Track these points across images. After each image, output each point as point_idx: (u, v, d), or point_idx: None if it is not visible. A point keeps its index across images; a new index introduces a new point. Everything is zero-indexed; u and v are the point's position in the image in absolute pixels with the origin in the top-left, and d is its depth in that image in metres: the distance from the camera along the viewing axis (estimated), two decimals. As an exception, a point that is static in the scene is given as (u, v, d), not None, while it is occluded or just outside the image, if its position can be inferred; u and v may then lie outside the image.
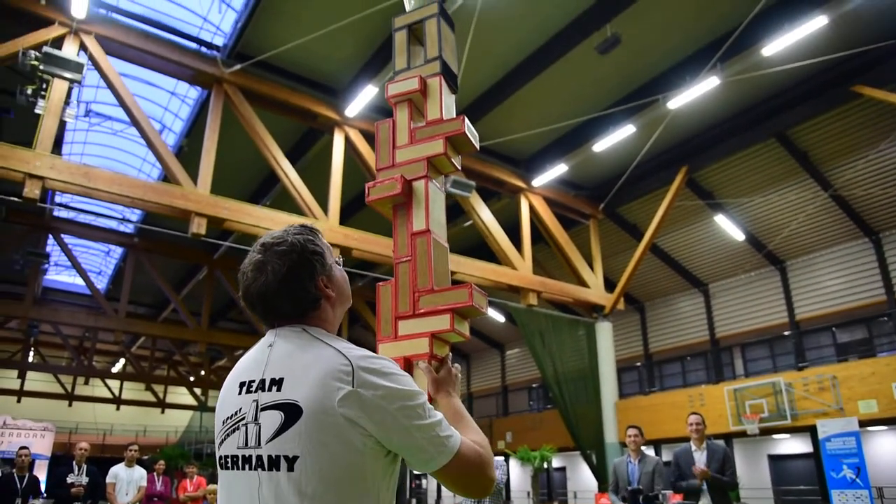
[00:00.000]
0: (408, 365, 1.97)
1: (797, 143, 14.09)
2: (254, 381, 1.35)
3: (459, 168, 2.31)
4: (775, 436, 15.56)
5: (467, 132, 2.25)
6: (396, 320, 2.07)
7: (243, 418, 1.32)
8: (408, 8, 2.60)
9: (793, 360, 16.65)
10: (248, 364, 1.41)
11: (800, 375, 13.47)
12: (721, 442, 6.99)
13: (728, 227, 16.42)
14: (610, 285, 16.12)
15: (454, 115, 2.33)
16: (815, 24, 9.90)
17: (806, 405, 12.80)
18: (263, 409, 1.30)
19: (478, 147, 2.33)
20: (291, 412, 1.26)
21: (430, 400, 1.78)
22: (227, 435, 1.35)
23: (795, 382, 13.08)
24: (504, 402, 25.66)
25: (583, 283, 15.21)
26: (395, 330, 2.07)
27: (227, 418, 1.36)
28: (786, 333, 17.14)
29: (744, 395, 13.62)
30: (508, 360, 26.01)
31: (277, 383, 1.30)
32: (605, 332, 15.47)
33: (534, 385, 24.36)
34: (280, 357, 1.35)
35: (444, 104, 2.33)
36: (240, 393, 1.36)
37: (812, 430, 12.82)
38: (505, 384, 25.83)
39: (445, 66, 2.40)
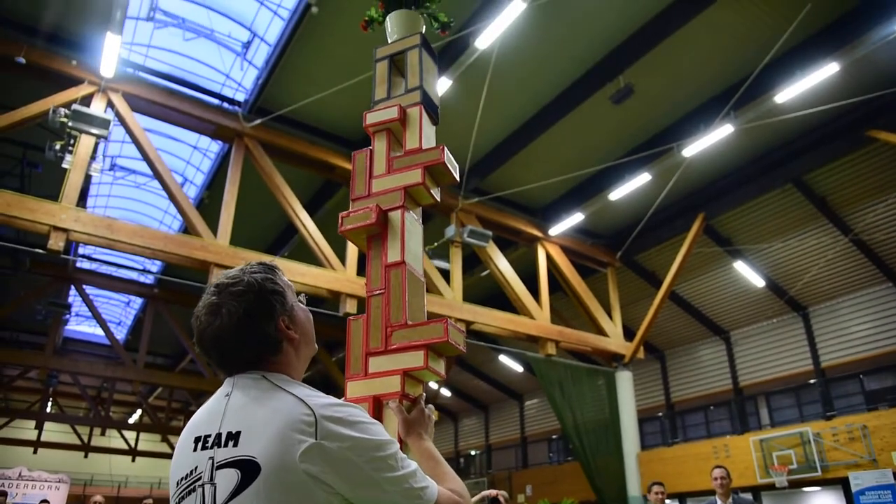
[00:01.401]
0: (377, 405, 1.86)
1: (815, 188, 14.04)
2: (209, 436, 1.23)
3: (438, 199, 2.22)
4: (805, 488, 15.00)
5: (447, 162, 2.15)
6: (367, 357, 1.96)
7: (199, 478, 1.20)
8: (390, 39, 2.57)
9: (820, 409, 16.19)
10: (204, 417, 1.29)
11: (828, 425, 13.07)
12: (749, 495, 6.79)
13: (748, 274, 16.24)
14: (629, 334, 15.93)
15: (434, 145, 2.24)
16: (827, 70, 9.99)
17: (836, 456, 12.38)
18: (219, 466, 1.17)
19: (457, 178, 2.25)
20: (249, 470, 1.14)
21: (401, 443, 1.70)
22: (182, 498, 1.22)
23: (824, 432, 12.69)
24: (523, 454, 25.11)
25: (602, 332, 15.04)
26: (365, 367, 1.95)
27: (182, 478, 1.24)
28: (811, 381, 16.72)
29: (770, 445, 13.22)
30: (527, 411, 25.56)
31: (234, 438, 1.19)
32: (625, 381, 15.21)
33: (554, 436, 23.86)
34: (237, 408, 1.23)
35: (423, 134, 2.25)
36: (195, 449, 1.24)
37: (844, 483, 12.37)
38: (524, 435, 25.33)
39: (426, 96, 2.35)
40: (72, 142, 10.12)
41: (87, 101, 10.16)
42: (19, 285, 18.37)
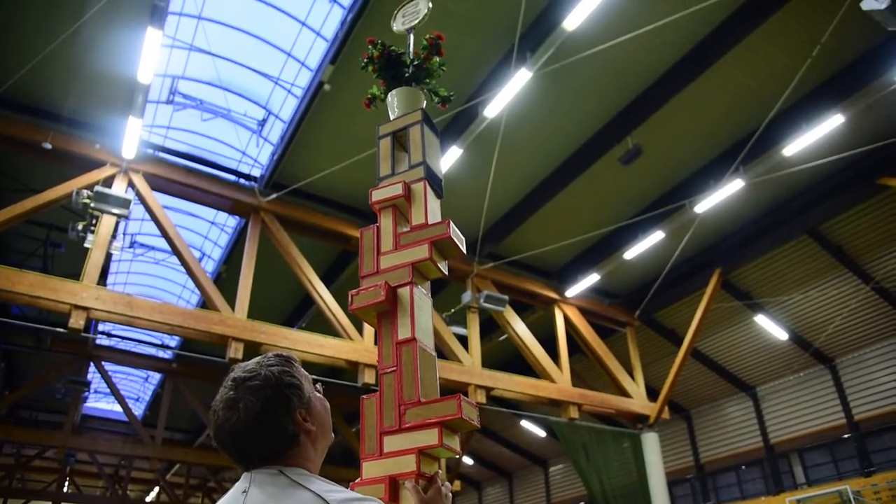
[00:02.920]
0: (394, 485, 1.83)
1: (830, 238, 13.97)
2: None
3: (446, 273, 2.23)
4: (849, 552, 14.32)
5: (453, 236, 2.17)
6: (381, 436, 1.94)
7: None
8: (392, 116, 2.61)
9: (857, 465, 15.60)
10: None
11: (868, 482, 12.62)
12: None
13: (770, 327, 15.99)
14: (653, 394, 15.60)
15: (439, 220, 2.25)
16: (832, 122, 10.09)
17: (879, 516, 11.88)
18: None
19: (464, 251, 2.26)
20: None
21: None
22: None
23: (865, 490, 12.24)
24: (551, 522, 24.27)
25: (624, 393, 14.75)
26: (380, 446, 1.93)
27: None
28: (846, 436, 16.18)
29: (808, 507, 12.74)
30: (553, 477, 24.84)
31: None
32: (651, 443, 14.79)
33: (581, 503, 23.10)
34: None
35: (429, 209, 2.27)
36: None
37: (889, 545, 11.81)
38: (551, 503, 24.54)
39: (430, 171, 2.37)
40: (94, 222, 10.36)
41: (108, 182, 10.44)
42: (40, 364, 18.46)
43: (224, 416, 1.31)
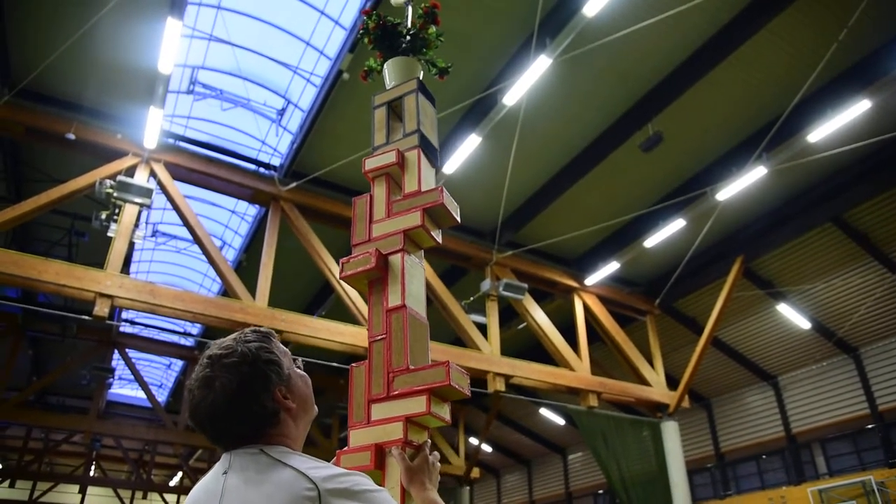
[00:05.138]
0: (379, 452, 1.81)
1: (855, 225, 13.74)
2: None
3: (440, 241, 2.19)
4: (872, 543, 14.19)
5: (446, 203, 2.13)
6: (369, 404, 1.93)
7: None
8: (388, 86, 2.59)
9: (881, 455, 15.42)
10: (201, 497, 1.23)
11: (892, 472, 12.47)
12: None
13: (792, 316, 15.80)
14: (673, 382, 15.51)
15: (433, 187, 2.22)
16: (859, 108, 9.88)
17: (902, 508, 11.75)
18: None
19: (458, 219, 2.21)
20: None
21: (403, 493, 1.67)
22: None
23: (889, 481, 12.09)
24: (569, 510, 24.33)
25: (644, 382, 14.69)
26: (368, 414, 1.92)
27: None
28: (869, 426, 15.99)
29: (831, 496, 12.63)
30: (571, 465, 24.88)
31: None
32: (671, 431, 14.72)
33: (600, 491, 23.11)
34: (236, 488, 1.18)
35: (422, 176, 2.24)
36: None
37: (913, 537, 11.69)
38: (569, 490, 24.58)
39: (424, 139, 2.34)
40: (116, 211, 10.50)
41: (131, 171, 10.57)
42: (66, 351, 18.84)
43: (200, 395, 1.25)
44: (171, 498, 30.12)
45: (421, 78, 2.58)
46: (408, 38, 2.62)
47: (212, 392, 1.24)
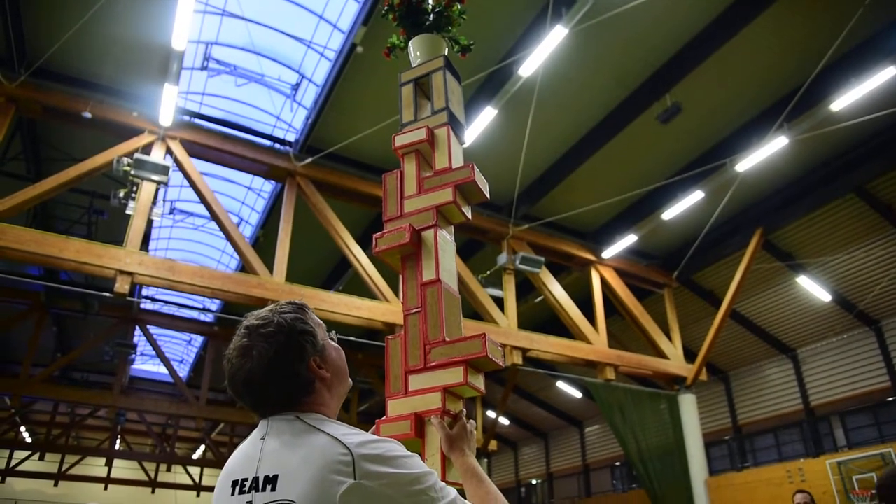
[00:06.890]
0: (419, 421, 1.87)
1: (879, 196, 13.48)
2: (247, 480, 1.22)
3: (469, 217, 2.24)
4: (890, 514, 14.15)
5: (477, 180, 2.17)
6: (407, 375, 1.98)
7: None
8: (413, 63, 2.61)
9: (901, 428, 15.35)
10: (241, 460, 1.29)
11: (911, 446, 12.38)
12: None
13: (812, 289, 15.63)
14: (690, 355, 15.47)
15: (463, 164, 2.26)
16: (884, 75, 9.63)
17: (922, 479, 11.67)
18: None
19: (488, 196, 2.26)
20: None
21: (443, 459, 1.75)
22: None
23: (907, 454, 12.01)
24: (586, 483, 24.50)
25: (661, 355, 14.67)
26: (405, 385, 1.97)
27: None
28: (890, 399, 15.87)
29: (850, 468, 12.56)
30: (588, 438, 25.02)
31: (272, 481, 1.18)
32: (688, 404, 14.74)
33: (617, 463, 23.24)
34: (273, 451, 1.23)
35: (452, 153, 2.28)
36: (233, 493, 1.23)
37: (933, 508, 11.62)
38: (586, 463, 24.75)
39: (452, 117, 2.38)
40: (134, 189, 10.58)
41: (147, 149, 10.62)
42: (89, 328, 19.16)
43: (238, 363, 1.32)
44: (194, 470, 30.80)
45: (446, 54, 2.58)
46: (432, 15, 2.62)
47: (249, 360, 1.30)
